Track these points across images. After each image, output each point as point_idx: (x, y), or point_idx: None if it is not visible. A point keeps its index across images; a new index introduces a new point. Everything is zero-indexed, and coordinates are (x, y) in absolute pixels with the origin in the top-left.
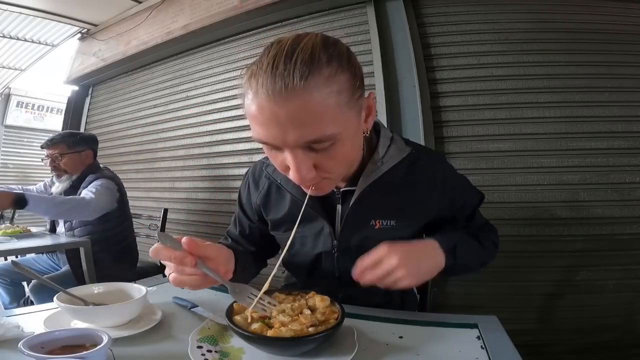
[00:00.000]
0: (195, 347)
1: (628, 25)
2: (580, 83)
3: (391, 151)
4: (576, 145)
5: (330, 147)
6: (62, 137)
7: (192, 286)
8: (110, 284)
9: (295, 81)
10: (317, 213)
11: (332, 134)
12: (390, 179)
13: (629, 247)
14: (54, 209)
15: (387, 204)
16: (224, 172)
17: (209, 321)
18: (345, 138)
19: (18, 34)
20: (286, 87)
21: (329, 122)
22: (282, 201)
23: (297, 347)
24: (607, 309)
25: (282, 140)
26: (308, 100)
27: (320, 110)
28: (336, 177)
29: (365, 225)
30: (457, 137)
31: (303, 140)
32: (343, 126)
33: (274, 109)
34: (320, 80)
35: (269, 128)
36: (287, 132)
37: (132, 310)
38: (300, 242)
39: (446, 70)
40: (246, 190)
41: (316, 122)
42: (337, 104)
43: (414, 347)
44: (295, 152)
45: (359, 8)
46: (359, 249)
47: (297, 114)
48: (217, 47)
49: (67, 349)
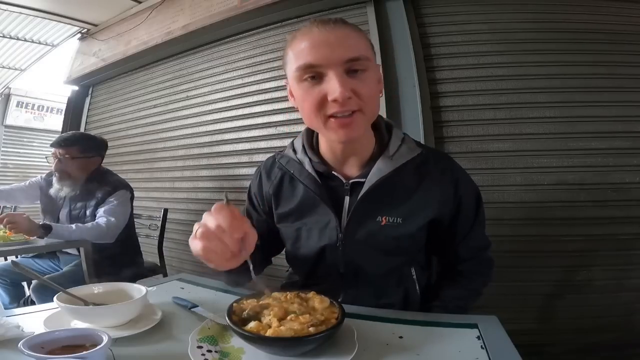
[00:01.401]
0: (196, 347)
1: (628, 25)
2: (580, 83)
3: (402, 150)
4: (576, 145)
5: (363, 72)
6: (78, 140)
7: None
8: (110, 284)
9: (338, 22)
10: (325, 203)
11: (367, 55)
12: (399, 176)
13: (629, 247)
14: (75, 236)
15: (395, 202)
16: (224, 172)
17: (209, 321)
18: (372, 70)
19: (18, 34)
20: (335, 22)
21: (363, 48)
22: (294, 192)
23: (297, 347)
24: (607, 309)
25: (329, 59)
26: (350, 31)
27: (359, 39)
28: (367, 112)
29: (372, 221)
30: (457, 137)
31: (347, 57)
32: (371, 58)
33: (325, 35)
34: (355, 27)
35: (319, 49)
36: (335, 50)
37: (132, 310)
38: (306, 235)
39: (446, 70)
40: (257, 182)
41: (357, 44)
42: (367, 43)
43: (414, 347)
44: (338, 71)
45: (359, 8)
46: (363, 243)
47: (343, 37)
48: (217, 47)
49: (67, 349)
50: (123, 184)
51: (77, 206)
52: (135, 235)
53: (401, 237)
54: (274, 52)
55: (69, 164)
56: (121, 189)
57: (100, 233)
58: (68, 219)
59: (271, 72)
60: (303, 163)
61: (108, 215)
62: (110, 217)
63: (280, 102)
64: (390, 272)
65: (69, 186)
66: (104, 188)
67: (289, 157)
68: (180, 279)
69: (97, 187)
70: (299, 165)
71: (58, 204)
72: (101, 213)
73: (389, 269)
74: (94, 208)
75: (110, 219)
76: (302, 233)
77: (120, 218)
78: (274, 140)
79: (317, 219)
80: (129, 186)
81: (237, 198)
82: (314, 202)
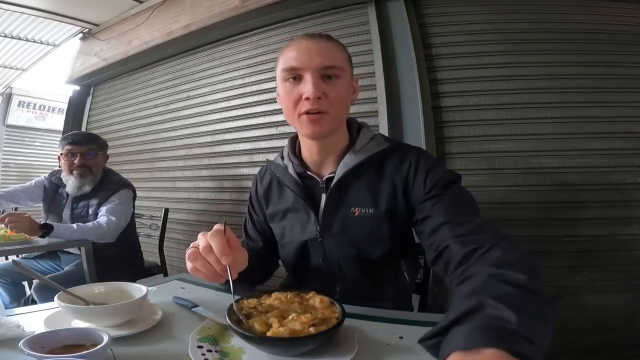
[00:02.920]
0: (196, 346)
1: (629, 25)
2: (581, 83)
3: (369, 145)
4: (577, 145)
5: (335, 79)
6: (94, 137)
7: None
8: (110, 284)
9: (322, 37)
10: (304, 201)
11: (341, 66)
12: (364, 168)
13: (631, 248)
14: (76, 236)
15: (364, 193)
16: (225, 172)
17: (209, 321)
18: (345, 79)
19: (20, 33)
20: (320, 37)
21: (340, 59)
22: (281, 194)
23: (297, 347)
24: (608, 309)
25: (308, 64)
26: (330, 44)
27: (337, 51)
28: (333, 114)
29: (347, 212)
30: (458, 138)
31: (323, 64)
32: (345, 70)
33: (308, 44)
34: (336, 42)
35: (301, 55)
36: (313, 58)
37: (133, 310)
38: (289, 232)
39: (447, 70)
40: (254, 186)
41: (334, 56)
42: (343, 57)
43: (414, 348)
44: (314, 74)
45: (360, 8)
46: (340, 234)
47: (323, 48)
48: (218, 47)
49: (67, 349)
50: (125, 184)
51: (79, 205)
52: (137, 234)
53: (375, 227)
54: (275, 52)
55: (92, 160)
56: (124, 188)
57: (101, 232)
58: (71, 219)
59: (272, 72)
60: (287, 167)
61: (109, 214)
62: (112, 216)
63: None
64: (379, 263)
65: (90, 182)
66: (107, 187)
67: (277, 163)
68: (181, 278)
69: (100, 186)
70: (284, 169)
71: (61, 203)
72: (103, 212)
73: (377, 260)
74: (96, 207)
75: (111, 219)
76: (287, 230)
77: (122, 217)
78: (275, 140)
79: (299, 216)
80: (131, 185)
81: (237, 198)
82: (296, 201)
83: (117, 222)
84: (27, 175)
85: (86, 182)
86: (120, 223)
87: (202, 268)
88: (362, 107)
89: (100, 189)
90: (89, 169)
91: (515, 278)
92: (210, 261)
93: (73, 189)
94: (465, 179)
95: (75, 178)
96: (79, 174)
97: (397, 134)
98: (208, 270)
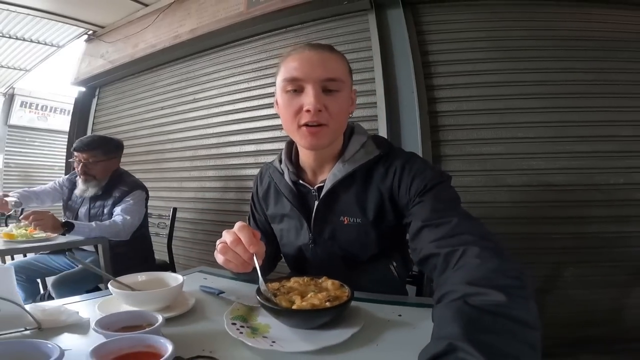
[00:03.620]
0: (231, 324)
1: (615, 32)
2: (568, 89)
3: (358, 154)
4: (563, 148)
5: (336, 92)
6: (99, 143)
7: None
8: (150, 274)
9: (325, 48)
10: (297, 209)
11: (342, 79)
12: (352, 179)
13: (613, 245)
14: (94, 233)
15: (353, 202)
16: (231, 172)
17: (237, 304)
18: (345, 92)
19: (24, 34)
20: (321, 47)
21: (341, 72)
22: (278, 197)
23: (317, 318)
24: (594, 304)
25: (309, 75)
26: (332, 55)
27: (338, 63)
28: (332, 127)
29: (335, 220)
30: (452, 141)
31: (325, 76)
32: (346, 83)
33: (310, 54)
34: (337, 54)
35: (303, 66)
36: (315, 69)
37: (174, 295)
38: (286, 235)
39: (443, 76)
40: (255, 186)
41: (336, 68)
42: (344, 69)
43: (411, 323)
44: (315, 86)
45: (361, 16)
46: (331, 241)
47: (325, 59)
48: (224, 51)
49: (127, 329)
50: (139, 185)
51: (96, 205)
52: (149, 233)
53: (363, 234)
54: (279, 57)
55: (94, 167)
56: (137, 189)
57: (117, 231)
58: (87, 217)
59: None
60: (283, 173)
61: (124, 213)
62: (127, 215)
63: None
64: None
65: (94, 187)
66: (122, 188)
67: (275, 166)
68: (202, 270)
69: (115, 187)
70: (280, 174)
71: (78, 202)
72: (118, 211)
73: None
74: (111, 207)
75: (126, 218)
76: (284, 233)
77: (136, 217)
78: (280, 143)
79: (293, 222)
80: (144, 187)
81: (241, 198)
82: (291, 207)
83: (131, 221)
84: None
85: (90, 187)
86: (134, 222)
87: (232, 259)
88: (362, 111)
89: (116, 189)
90: (92, 176)
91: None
92: (239, 252)
93: (80, 192)
94: (459, 180)
95: (81, 182)
96: (83, 180)
97: (396, 137)
98: (237, 260)
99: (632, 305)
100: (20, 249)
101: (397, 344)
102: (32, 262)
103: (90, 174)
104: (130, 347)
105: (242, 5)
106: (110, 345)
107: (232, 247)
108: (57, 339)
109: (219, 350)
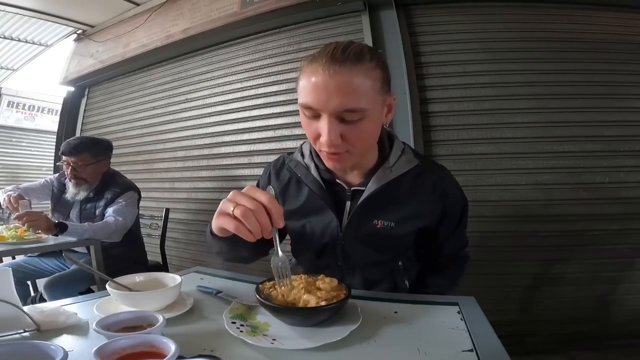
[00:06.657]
0: (230, 322)
1: (602, 34)
2: (556, 90)
3: (401, 161)
4: (550, 148)
5: (358, 121)
6: (87, 146)
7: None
8: (148, 274)
9: (347, 63)
10: (328, 206)
11: (363, 108)
12: (396, 185)
13: (599, 242)
14: (87, 235)
15: (391, 208)
16: (223, 173)
17: (235, 303)
18: (370, 117)
19: (12, 33)
20: (339, 66)
21: (362, 97)
22: (299, 193)
23: (314, 317)
24: (582, 300)
25: (325, 105)
26: (352, 77)
27: (360, 86)
28: (356, 153)
29: (369, 223)
30: (443, 141)
31: (342, 108)
32: (372, 106)
33: (326, 80)
34: (363, 67)
35: (318, 94)
36: (331, 98)
37: (173, 295)
38: (310, 232)
39: (435, 77)
40: (266, 179)
41: (355, 94)
42: (371, 87)
43: (406, 319)
44: (330, 119)
45: (354, 17)
46: (360, 242)
47: (343, 85)
48: (217, 51)
49: (127, 330)
50: (131, 186)
51: (88, 206)
52: (141, 234)
53: (393, 239)
54: (273, 57)
55: (83, 170)
56: (129, 190)
57: (110, 232)
58: (78, 219)
59: (270, 76)
60: (309, 168)
61: (117, 215)
62: (119, 216)
63: (279, 106)
64: (381, 265)
65: (86, 190)
66: (114, 189)
67: (297, 160)
68: (197, 271)
69: (106, 188)
70: (306, 169)
71: (69, 203)
72: (110, 213)
73: (380, 263)
74: (103, 208)
75: (118, 219)
76: (307, 230)
77: (128, 218)
78: (273, 143)
79: (320, 218)
80: (136, 188)
81: None
82: (318, 204)
83: (123, 222)
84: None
85: (81, 190)
86: (126, 223)
87: (252, 227)
88: None
89: (108, 191)
90: (82, 179)
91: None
92: (262, 222)
93: (71, 195)
94: None
95: (71, 186)
96: (74, 183)
97: None
98: (256, 230)
99: (618, 302)
100: (10, 251)
101: (393, 340)
102: (21, 264)
103: (81, 178)
104: (133, 347)
105: (236, 5)
106: (113, 346)
107: (257, 215)
108: (56, 340)
109: (219, 349)
